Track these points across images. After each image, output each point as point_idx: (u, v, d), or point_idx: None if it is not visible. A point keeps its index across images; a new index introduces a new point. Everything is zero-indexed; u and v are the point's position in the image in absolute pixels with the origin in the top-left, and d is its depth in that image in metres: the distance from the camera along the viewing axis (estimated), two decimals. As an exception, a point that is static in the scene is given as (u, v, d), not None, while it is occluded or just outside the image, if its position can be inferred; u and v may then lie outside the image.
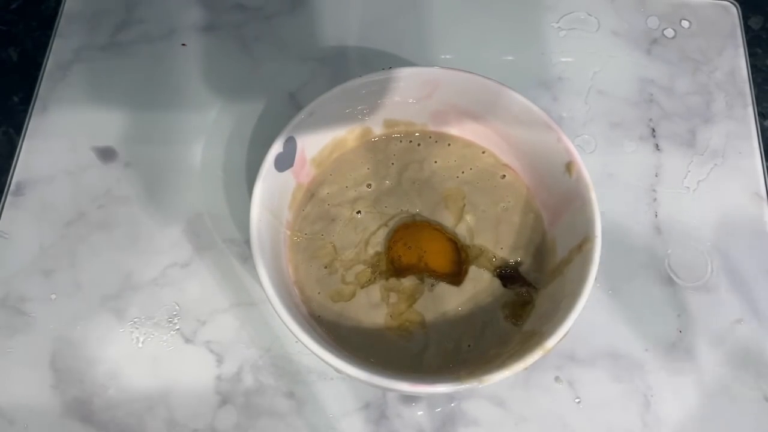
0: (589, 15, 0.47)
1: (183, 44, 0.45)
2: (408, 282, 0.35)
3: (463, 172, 0.38)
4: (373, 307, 0.35)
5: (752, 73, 0.45)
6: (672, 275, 0.39)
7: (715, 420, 0.36)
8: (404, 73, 0.36)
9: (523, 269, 0.36)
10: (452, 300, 0.35)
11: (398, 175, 0.38)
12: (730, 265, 0.39)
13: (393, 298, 0.35)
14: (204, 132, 0.42)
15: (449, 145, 0.39)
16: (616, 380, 0.36)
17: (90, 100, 0.43)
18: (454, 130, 0.38)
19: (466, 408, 0.36)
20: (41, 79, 0.43)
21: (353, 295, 0.35)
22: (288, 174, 0.35)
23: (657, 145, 0.43)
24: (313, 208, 0.37)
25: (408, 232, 0.37)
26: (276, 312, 0.30)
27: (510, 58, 0.45)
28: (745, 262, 0.39)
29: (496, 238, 0.36)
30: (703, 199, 0.41)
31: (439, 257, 0.36)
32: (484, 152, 0.38)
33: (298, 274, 0.35)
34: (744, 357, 0.37)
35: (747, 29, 0.47)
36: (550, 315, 0.32)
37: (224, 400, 0.35)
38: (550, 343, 0.30)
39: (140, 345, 0.37)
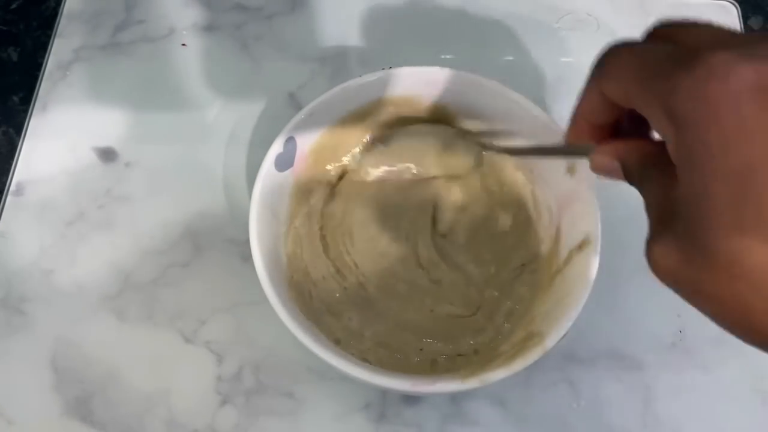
0: (589, 15, 0.47)
1: (183, 44, 0.45)
2: None
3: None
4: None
5: (752, 73, 0.45)
6: (672, 275, 0.39)
7: (714, 420, 0.36)
8: (404, 73, 0.36)
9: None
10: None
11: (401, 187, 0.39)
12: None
13: None
14: (204, 132, 0.42)
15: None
16: (616, 380, 0.36)
17: (90, 100, 0.43)
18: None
19: (466, 408, 0.36)
20: (41, 79, 0.43)
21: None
22: (288, 174, 0.35)
23: (657, 145, 0.43)
24: (313, 207, 0.37)
25: None
26: (276, 312, 0.30)
27: (510, 58, 0.45)
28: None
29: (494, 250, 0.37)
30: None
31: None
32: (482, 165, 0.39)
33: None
34: (744, 357, 0.37)
35: (747, 29, 0.47)
36: (550, 315, 0.32)
37: (224, 400, 0.35)
38: (550, 343, 0.30)
39: (140, 345, 0.37)
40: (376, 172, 0.38)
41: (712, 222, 0.17)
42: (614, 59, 0.21)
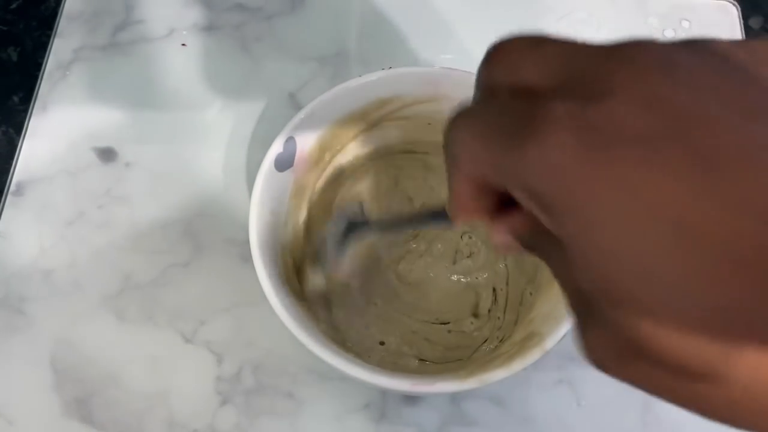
0: (590, 15, 0.47)
1: (183, 44, 0.45)
2: None
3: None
4: None
5: (752, 73, 0.45)
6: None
7: (715, 420, 0.36)
8: (404, 73, 0.36)
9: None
10: None
11: (398, 184, 0.38)
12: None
13: None
14: (204, 132, 0.42)
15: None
16: (616, 380, 0.36)
17: (90, 100, 0.43)
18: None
19: (466, 408, 0.36)
20: (41, 79, 0.43)
21: None
22: (288, 174, 0.35)
23: (657, 145, 0.43)
24: (313, 207, 0.37)
25: None
26: (276, 312, 0.30)
27: (510, 58, 0.45)
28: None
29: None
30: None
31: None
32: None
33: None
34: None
35: (747, 29, 0.47)
36: (550, 315, 0.32)
37: (224, 400, 0.35)
38: (550, 343, 0.30)
39: (140, 345, 0.37)
40: None
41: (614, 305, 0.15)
42: (460, 138, 0.17)
